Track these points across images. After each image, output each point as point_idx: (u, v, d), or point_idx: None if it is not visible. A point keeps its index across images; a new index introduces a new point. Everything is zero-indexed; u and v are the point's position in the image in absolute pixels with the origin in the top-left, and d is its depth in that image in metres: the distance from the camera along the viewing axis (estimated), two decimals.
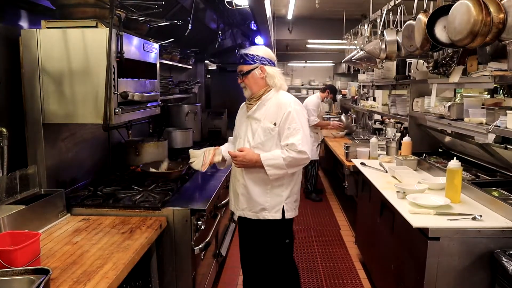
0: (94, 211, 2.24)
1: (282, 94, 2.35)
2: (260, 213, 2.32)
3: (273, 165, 2.22)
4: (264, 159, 2.22)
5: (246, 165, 2.28)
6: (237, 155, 2.26)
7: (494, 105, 2.38)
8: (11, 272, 1.34)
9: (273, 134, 2.27)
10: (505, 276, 1.81)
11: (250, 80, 2.32)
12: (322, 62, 11.85)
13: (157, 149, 3.21)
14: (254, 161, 2.24)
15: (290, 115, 2.24)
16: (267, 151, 2.27)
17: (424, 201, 2.36)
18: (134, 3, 2.28)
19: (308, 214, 5.14)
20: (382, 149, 4.07)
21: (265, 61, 2.32)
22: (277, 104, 2.29)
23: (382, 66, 4.28)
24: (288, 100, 2.30)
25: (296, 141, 2.20)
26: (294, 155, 2.20)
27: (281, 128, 2.25)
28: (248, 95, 2.38)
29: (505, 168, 2.73)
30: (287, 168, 2.23)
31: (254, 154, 2.26)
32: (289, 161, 2.21)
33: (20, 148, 2.13)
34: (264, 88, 2.34)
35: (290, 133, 2.22)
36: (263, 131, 2.28)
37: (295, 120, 2.24)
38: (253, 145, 2.31)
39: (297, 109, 2.28)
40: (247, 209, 2.36)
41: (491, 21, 1.93)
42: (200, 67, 5.47)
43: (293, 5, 6.16)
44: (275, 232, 2.36)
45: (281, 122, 2.25)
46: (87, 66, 2.06)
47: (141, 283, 2.06)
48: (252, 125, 2.34)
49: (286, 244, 2.41)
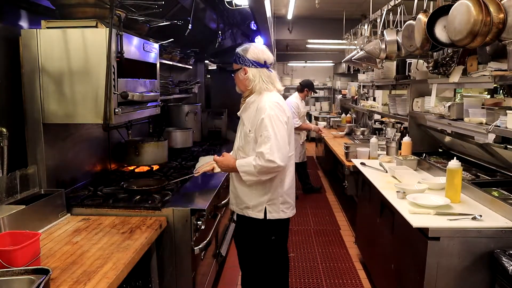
0: (94, 211, 2.24)
1: (264, 97, 2.30)
2: (245, 210, 2.41)
3: (246, 172, 2.26)
4: (238, 165, 2.29)
5: (225, 170, 2.44)
6: (217, 160, 2.42)
7: (494, 105, 2.38)
8: (11, 272, 1.34)
9: (249, 140, 2.30)
10: (505, 276, 1.81)
11: (236, 79, 2.40)
12: (322, 62, 11.86)
13: (157, 149, 3.21)
14: (231, 166, 2.34)
15: (263, 122, 2.21)
16: (246, 154, 2.34)
17: (424, 201, 2.36)
18: (134, 3, 2.28)
19: (308, 214, 5.14)
20: (382, 149, 4.08)
21: (249, 63, 2.30)
22: (257, 109, 2.28)
23: (382, 66, 4.28)
24: (265, 105, 2.25)
25: (264, 150, 2.18)
26: (263, 163, 2.19)
27: (256, 134, 2.26)
28: (238, 91, 2.47)
29: (505, 168, 2.73)
30: (258, 176, 2.24)
31: (230, 160, 2.36)
32: (258, 169, 2.21)
33: (20, 148, 2.13)
34: (248, 90, 2.37)
35: (262, 140, 2.21)
36: (244, 135, 2.35)
37: (266, 128, 2.20)
38: (237, 147, 2.42)
39: (271, 115, 2.22)
40: (235, 204, 2.48)
41: (491, 21, 1.93)
42: (200, 67, 5.47)
43: (293, 5, 6.16)
44: (259, 230, 2.42)
45: (256, 129, 2.26)
46: (87, 66, 2.06)
47: (141, 283, 2.06)
48: (240, 127, 2.43)
49: (272, 240, 2.43)
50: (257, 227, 2.40)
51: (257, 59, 2.32)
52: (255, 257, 2.50)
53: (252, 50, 2.33)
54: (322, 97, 12.37)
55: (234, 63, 2.37)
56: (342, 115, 7.90)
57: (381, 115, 5.96)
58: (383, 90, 6.08)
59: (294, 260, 3.76)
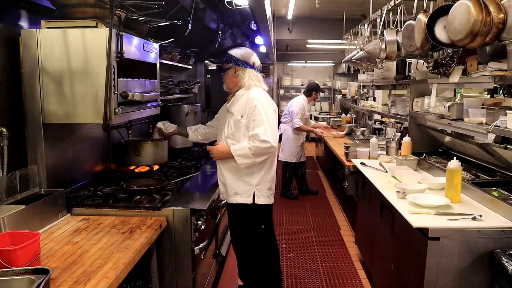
0: (94, 211, 2.24)
1: (253, 91, 2.59)
2: (233, 197, 2.60)
3: (241, 155, 2.48)
4: (233, 150, 2.50)
5: (220, 157, 2.59)
6: (211, 149, 2.62)
7: (494, 105, 2.38)
8: (11, 272, 1.33)
9: (240, 126, 2.53)
10: (505, 276, 1.81)
11: (225, 77, 2.66)
12: (322, 62, 11.86)
13: (157, 149, 3.21)
14: (226, 152, 2.53)
15: (256, 108, 2.48)
16: (236, 140, 2.55)
17: (424, 201, 2.36)
18: (134, 3, 2.27)
19: (308, 214, 5.14)
20: (382, 149, 4.08)
21: (240, 63, 2.58)
22: (247, 99, 2.54)
23: (382, 66, 4.28)
24: (256, 95, 2.55)
25: (259, 131, 2.45)
26: (258, 144, 2.45)
27: (248, 120, 2.50)
28: (225, 89, 2.72)
29: (505, 168, 2.73)
30: (253, 157, 2.48)
31: (225, 147, 2.56)
32: (254, 150, 2.46)
33: (20, 148, 2.13)
34: (238, 86, 2.63)
35: (255, 124, 2.47)
36: (234, 123, 2.57)
37: (259, 113, 2.47)
38: (226, 135, 2.60)
39: (263, 103, 2.52)
40: (225, 193, 2.66)
41: (491, 21, 1.93)
42: (200, 67, 5.46)
43: (293, 5, 6.16)
44: (247, 216, 2.63)
45: (248, 115, 2.50)
46: (87, 66, 2.06)
47: (141, 283, 2.06)
48: (228, 118, 2.63)
49: (261, 230, 2.65)
50: (246, 213, 2.61)
51: (247, 60, 2.62)
52: (247, 243, 2.70)
53: (241, 51, 2.63)
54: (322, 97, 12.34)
55: (225, 63, 2.63)
56: (342, 115, 7.90)
57: (381, 115, 5.96)
58: (383, 90, 6.08)
59: (294, 260, 3.76)
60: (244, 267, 2.82)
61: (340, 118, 7.63)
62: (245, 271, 2.83)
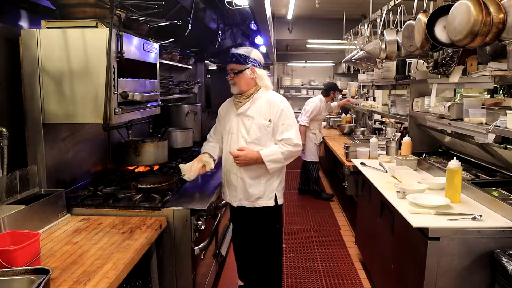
0: (94, 211, 2.24)
1: (271, 93, 2.56)
2: (256, 202, 2.53)
3: (273, 160, 2.44)
4: (264, 155, 2.43)
5: (248, 163, 2.46)
6: (239, 155, 2.44)
7: (494, 105, 2.38)
8: (11, 272, 1.34)
9: (268, 130, 2.47)
10: (505, 276, 1.81)
11: (241, 79, 2.49)
12: (322, 62, 11.85)
13: (157, 149, 3.21)
14: (255, 158, 2.44)
15: (283, 112, 2.46)
16: (263, 145, 2.47)
17: (424, 201, 2.36)
18: (134, 3, 2.27)
19: (308, 214, 5.14)
20: (382, 149, 4.07)
21: (256, 63, 2.51)
22: (268, 102, 2.49)
23: (382, 66, 4.28)
24: (278, 98, 2.53)
25: (291, 135, 2.45)
26: (291, 149, 2.45)
27: (275, 124, 2.46)
28: (236, 91, 2.54)
29: (505, 168, 2.73)
30: (284, 161, 2.48)
31: (254, 152, 2.44)
32: (286, 154, 2.45)
33: (20, 148, 2.13)
34: (254, 88, 2.53)
35: (285, 128, 2.45)
36: (258, 128, 2.47)
37: (287, 117, 2.47)
38: (249, 141, 2.48)
39: (287, 106, 2.52)
40: (244, 199, 2.55)
41: (491, 21, 1.93)
42: (200, 67, 5.46)
43: (293, 5, 6.15)
44: (268, 218, 2.59)
45: (275, 119, 2.46)
46: (87, 66, 2.06)
47: (141, 283, 2.06)
48: (244, 122, 2.51)
49: (277, 229, 2.63)
50: (267, 215, 2.56)
51: (260, 59, 2.56)
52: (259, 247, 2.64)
53: (255, 51, 2.56)
54: None
55: (237, 64, 2.48)
56: (342, 115, 7.89)
57: (381, 115, 5.96)
58: (383, 90, 6.08)
59: (294, 260, 3.76)
60: (249, 267, 2.77)
61: (340, 118, 7.63)
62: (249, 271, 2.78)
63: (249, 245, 2.69)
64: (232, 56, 2.49)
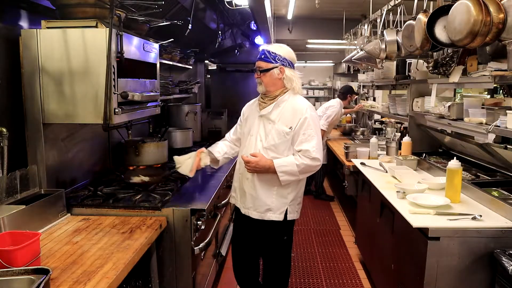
0: (94, 211, 2.24)
1: (298, 98, 2.33)
2: (265, 214, 2.32)
3: (286, 172, 2.22)
4: (278, 165, 2.21)
5: (258, 171, 2.26)
6: (250, 161, 2.24)
7: (494, 105, 2.38)
8: (11, 272, 1.33)
9: (288, 138, 2.25)
10: (505, 276, 1.81)
11: (267, 78, 2.28)
12: (322, 62, 11.86)
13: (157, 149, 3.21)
14: (267, 167, 2.22)
15: (306, 121, 2.23)
16: (279, 153, 2.26)
17: (424, 201, 2.36)
18: (134, 3, 2.27)
19: (308, 214, 5.14)
20: (382, 149, 4.07)
21: (286, 63, 2.28)
22: (293, 108, 2.27)
23: (382, 66, 4.28)
24: (304, 105, 2.28)
25: (310, 147, 2.20)
26: (308, 162, 2.21)
27: (296, 132, 2.24)
28: (262, 91, 2.35)
29: (505, 168, 2.73)
30: (299, 175, 2.24)
31: (267, 161, 2.24)
32: (302, 167, 2.21)
33: (20, 148, 2.13)
34: (281, 89, 2.32)
35: (305, 139, 2.22)
36: (277, 134, 2.26)
37: (310, 126, 2.23)
38: (265, 146, 2.29)
39: (313, 115, 2.28)
40: (252, 209, 2.35)
41: (491, 21, 1.93)
42: (200, 67, 5.47)
43: (293, 5, 6.15)
44: (276, 232, 2.38)
45: (297, 127, 2.23)
46: (87, 66, 2.06)
47: (141, 283, 2.06)
48: (265, 125, 2.31)
49: (284, 240, 2.42)
50: (273, 230, 2.36)
51: (291, 59, 2.32)
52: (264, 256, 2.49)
53: (285, 48, 2.32)
54: (322, 97, 12.38)
55: (265, 62, 2.26)
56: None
57: (381, 115, 5.96)
58: (383, 90, 6.08)
59: (294, 260, 3.76)
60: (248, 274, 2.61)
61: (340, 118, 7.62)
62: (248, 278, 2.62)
63: (253, 254, 2.54)
64: (261, 53, 2.29)
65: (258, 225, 2.37)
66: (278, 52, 2.27)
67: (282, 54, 2.27)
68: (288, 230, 2.43)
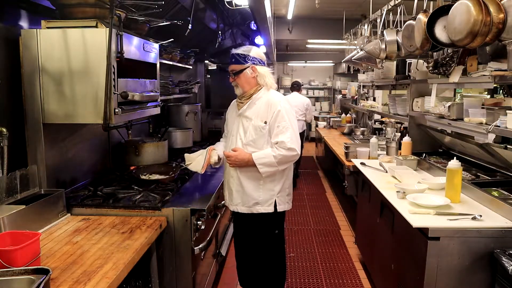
0: (94, 211, 2.24)
1: (272, 93, 2.45)
2: (254, 207, 2.44)
3: (265, 163, 2.34)
4: (256, 158, 2.34)
5: (239, 165, 2.40)
6: (230, 155, 2.39)
7: (494, 105, 2.38)
8: (11, 272, 1.33)
9: (264, 132, 2.38)
10: (505, 276, 1.81)
11: (242, 79, 2.42)
12: (322, 62, 11.86)
13: (157, 149, 3.21)
14: (246, 160, 2.36)
15: (280, 113, 2.35)
16: (259, 148, 2.39)
17: (424, 201, 2.36)
18: (134, 3, 2.28)
19: (308, 214, 5.14)
20: (382, 149, 4.07)
21: (256, 61, 2.41)
22: (267, 103, 2.39)
23: (382, 66, 4.29)
24: (277, 99, 2.41)
25: (285, 138, 2.32)
26: (284, 153, 2.32)
27: (271, 126, 2.36)
28: (240, 93, 2.48)
29: (505, 168, 2.73)
30: (278, 165, 2.35)
31: (246, 154, 2.37)
32: (279, 158, 2.33)
33: (20, 148, 2.13)
34: (255, 87, 2.45)
35: (280, 131, 2.34)
36: (254, 129, 2.39)
37: (284, 119, 2.34)
38: (245, 143, 2.42)
39: (286, 108, 2.39)
40: (241, 204, 2.47)
41: (491, 21, 1.93)
42: (200, 67, 5.47)
43: (293, 5, 6.15)
44: (267, 224, 2.50)
45: (271, 120, 2.36)
46: (87, 66, 2.06)
47: (141, 283, 2.06)
48: (243, 123, 2.45)
49: (275, 234, 2.53)
50: (264, 221, 2.47)
51: (261, 57, 2.46)
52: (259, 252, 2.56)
53: (254, 49, 2.46)
54: (322, 97, 12.39)
55: (236, 64, 2.42)
56: (342, 115, 7.90)
57: (381, 115, 5.96)
58: (383, 90, 6.09)
59: (294, 260, 3.76)
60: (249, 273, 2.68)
61: (340, 118, 7.63)
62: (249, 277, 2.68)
63: (248, 250, 2.63)
64: (231, 57, 2.43)
65: (249, 220, 2.48)
66: (247, 53, 2.41)
67: (251, 54, 2.41)
68: (279, 224, 2.54)
